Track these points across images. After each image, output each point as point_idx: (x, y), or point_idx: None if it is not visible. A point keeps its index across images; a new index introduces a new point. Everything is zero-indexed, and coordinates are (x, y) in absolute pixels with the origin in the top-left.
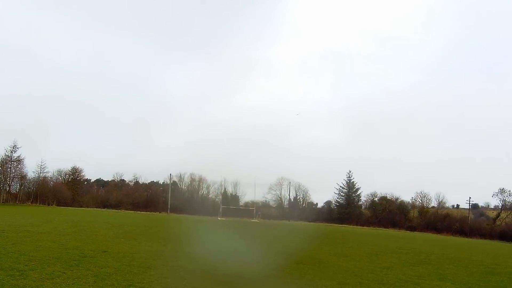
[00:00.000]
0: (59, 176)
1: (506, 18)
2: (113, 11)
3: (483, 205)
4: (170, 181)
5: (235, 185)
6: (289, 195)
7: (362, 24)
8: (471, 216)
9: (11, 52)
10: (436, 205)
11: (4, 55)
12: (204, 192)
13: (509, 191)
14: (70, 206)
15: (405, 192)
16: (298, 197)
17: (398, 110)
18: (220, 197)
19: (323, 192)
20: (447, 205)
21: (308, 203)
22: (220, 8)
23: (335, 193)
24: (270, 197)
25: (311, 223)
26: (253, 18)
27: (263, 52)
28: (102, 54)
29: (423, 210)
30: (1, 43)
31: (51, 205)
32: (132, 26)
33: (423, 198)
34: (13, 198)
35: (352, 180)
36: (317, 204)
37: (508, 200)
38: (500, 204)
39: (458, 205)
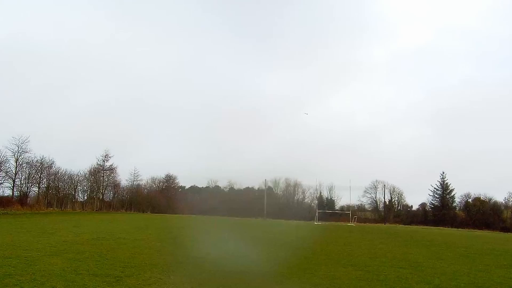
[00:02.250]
0: (153, 184)
1: None
2: (202, 18)
3: None
4: (265, 186)
5: (331, 189)
6: (384, 198)
7: (449, 20)
8: None
9: (101, 62)
10: None
11: (94, 65)
12: (300, 197)
13: None
14: (165, 213)
15: (498, 192)
16: (393, 200)
17: (488, 108)
18: (316, 201)
19: (418, 194)
20: None
21: (403, 205)
22: (312, 13)
23: (429, 195)
24: (365, 201)
25: (406, 225)
26: (343, 21)
27: (354, 55)
28: (194, 61)
29: None
30: (95, 53)
31: (146, 212)
32: (222, 30)
33: None
34: (107, 206)
35: (446, 182)
36: (411, 206)
37: None
38: None
39: None
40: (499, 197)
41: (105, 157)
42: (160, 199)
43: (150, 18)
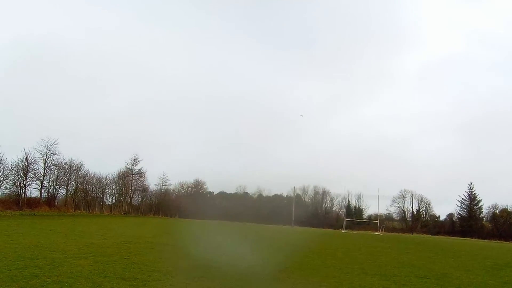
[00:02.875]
0: (182, 189)
1: None
2: (236, 27)
3: None
4: (294, 194)
5: (359, 197)
6: (412, 207)
7: (479, 29)
8: None
9: (132, 66)
10: None
11: (125, 69)
12: (328, 205)
13: None
14: (193, 218)
15: None
16: (420, 210)
17: None
18: (344, 210)
19: (445, 205)
20: None
21: (431, 215)
22: (342, 22)
23: (457, 206)
24: (393, 210)
25: (434, 236)
26: (373, 31)
27: (384, 64)
28: (226, 67)
29: None
30: (128, 57)
31: (173, 217)
32: (254, 37)
33: None
34: (134, 210)
35: (474, 192)
36: (439, 216)
37: None
38: None
39: None
40: None
41: (134, 161)
42: (188, 204)
43: (183, 24)
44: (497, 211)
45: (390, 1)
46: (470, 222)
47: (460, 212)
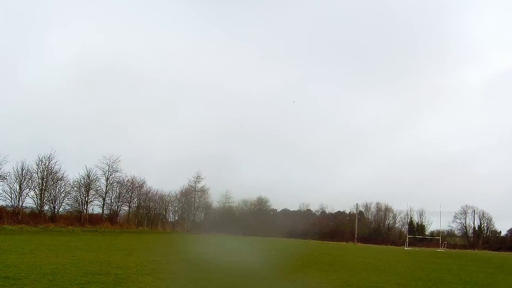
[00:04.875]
0: (245, 206)
1: None
2: (304, 41)
3: None
4: (356, 210)
5: (421, 214)
6: (473, 223)
7: None
8: None
9: (198, 86)
10: None
11: (191, 89)
12: (390, 222)
13: None
14: (256, 236)
15: None
16: (482, 225)
17: None
18: (407, 226)
19: (507, 220)
20: None
21: (492, 231)
22: (401, 37)
23: None
24: (455, 226)
25: (495, 252)
26: (435, 45)
27: (446, 80)
28: (295, 85)
29: None
30: (195, 77)
31: (237, 234)
32: (324, 56)
33: None
34: (197, 227)
35: None
36: (500, 232)
37: None
38: None
39: None
40: None
41: (196, 178)
42: (251, 222)
43: (253, 40)
44: None
45: (449, 15)
46: None
47: None
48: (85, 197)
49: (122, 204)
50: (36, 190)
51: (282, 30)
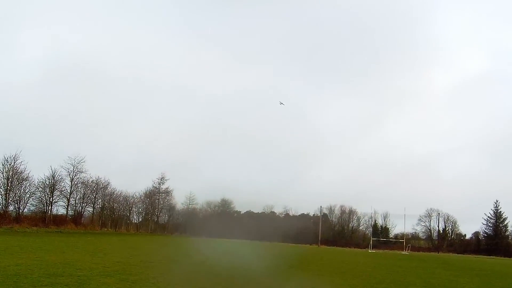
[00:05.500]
0: (208, 208)
1: None
2: (261, 47)
3: None
4: (320, 213)
5: (385, 217)
6: (438, 226)
7: (506, 45)
8: None
9: (162, 86)
10: None
11: (155, 89)
12: (354, 224)
13: None
14: (220, 238)
15: None
16: (446, 228)
17: None
18: (371, 229)
19: (471, 223)
20: None
21: (457, 234)
22: (369, 40)
23: (482, 224)
24: (419, 229)
25: (460, 255)
26: (404, 50)
27: (414, 83)
28: (258, 86)
29: None
30: (158, 77)
31: (200, 236)
32: (289, 56)
33: None
34: (161, 229)
35: (500, 210)
36: (465, 235)
37: None
38: None
39: None
40: None
41: (161, 179)
42: (215, 224)
43: (223, 41)
44: None
45: (420, 21)
46: (496, 241)
47: (486, 230)
48: (50, 197)
49: (86, 205)
50: (1, 190)
51: (254, 32)
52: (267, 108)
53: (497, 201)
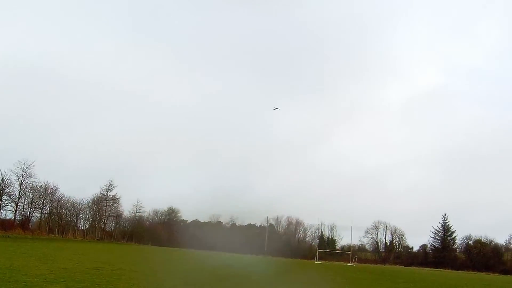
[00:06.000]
0: (155, 216)
1: None
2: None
3: None
4: (267, 224)
5: (332, 228)
6: (385, 238)
7: (462, 62)
8: None
9: (118, 94)
10: None
11: (112, 97)
12: (301, 236)
13: None
14: (166, 246)
15: (500, 234)
16: (394, 241)
17: (495, 150)
18: (317, 240)
19: (419, 236)
20: None
21: (404, 246)
22: (325, 52)
23: (430, 237)
24: (366, 241)
25: (407, 267)
26: (358, 63)
27: (366, 97)
28: (205, 96)
29: None
30: (109, 84)
31: (147, 244)
32: (238, 66)
33: None
34: (108, 236)
35: (447, 223)
36: (412, 248)
37: None
38: None
39: None
40: (501, 240)
41: (108, 186)
42: (161, 232)
43: (178, 52)
44: (470, 242)
45: (374, 35)
46: (443, 253)
47: (433, 243)
48: None
49: (34, 210)
50: None
51: (204, 40)
52: (216, 117)
53: (445, 214)
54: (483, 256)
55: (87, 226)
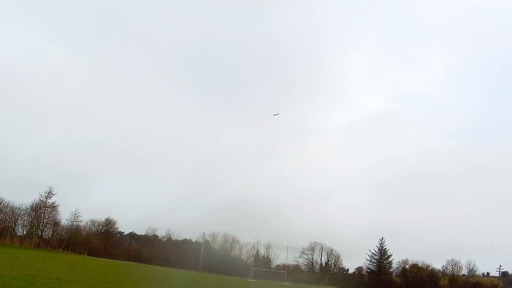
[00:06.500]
0: (92, 226)
1: None
2: (166, 67)
3: None
4: (203, 239)
5: (268, 247)
6: (320, 259)
7: (406, 89)
8: (501, 284)
9: (63, 99)
10: (466, 273)
11: (56, 103)
12: (237, 253)
13: None
14: (101, 257)
15: (436, 259)
16: (329, 262)
17: (435, 177)
18: (252, 258)
19: (356, 258)
20: (477, 273)
21: (340, 268)
22: (275, 71)
23: (366, 260)
24: (302, 261)
25: None
26: (304, 83)
27: (311, 116)
28: (150, 111)
29: (453, 278)
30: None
31: (83, 254)
32: (181, 84)
33: (453, 266)
34: (44, 244)
35: (384, 247)
36: (348, 270)
37: None
38: None
39: (488, 273)
40: (438, 265)
41: (48, 193)
42: (97, 242)
43: (104, 63)
44: (407, 266)
45: (320, 60)
46: (379, 276)
47: (369, 266)
48: None
49: None
50: None
51: (149, 55)
52: (158, 132)
53: (382, 238)
54: (419, 280)
55: (25, 232)
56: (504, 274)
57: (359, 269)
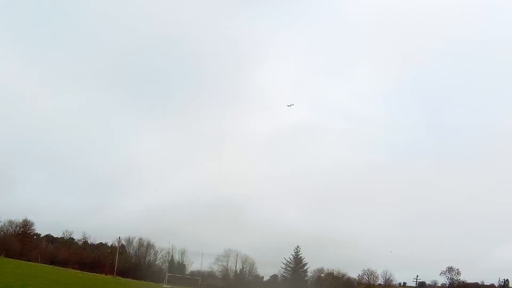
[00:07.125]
0: (10, 227)
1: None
2: (90, 68)
3: (430, 283)
4: (118, 244)
5: (183, 253)
6: (235, 266)
7: (331, 102)
8: None
9: None
10: (382, 283)
11: None
12: (151, 258)
13: (457, 269)
14: (18, 259)
15: (353, 269)
16: (244, 269)
17: (354, 189)
18: (167, 264)
19: (271, 266)
20: (394, 283)
21: (254, 276)
22: (195, 77)
23: (281, 267)
24: (216, 268)
25: None
26: (226, 90)
27: (232, 125)
28: (72, 110)
29: (369, 287)
30: None
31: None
32: (107, 83)
33: (370, 276)
34: None
35: (300, 255)
36: (263, 277)
37: (455, 278)
38: (448, 283)
39: (405, 283)
40: (354, 274)
41: None
42: (14, 244)
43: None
44: (322, 275)
45: (247, 68)
46: (294, 284)
47: (284, 274)
48: None
49: None
50: None
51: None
52: (80, 132)
53: (297, 246)
54: None
55: None
56: (421, 284)
57: (274, 277)
